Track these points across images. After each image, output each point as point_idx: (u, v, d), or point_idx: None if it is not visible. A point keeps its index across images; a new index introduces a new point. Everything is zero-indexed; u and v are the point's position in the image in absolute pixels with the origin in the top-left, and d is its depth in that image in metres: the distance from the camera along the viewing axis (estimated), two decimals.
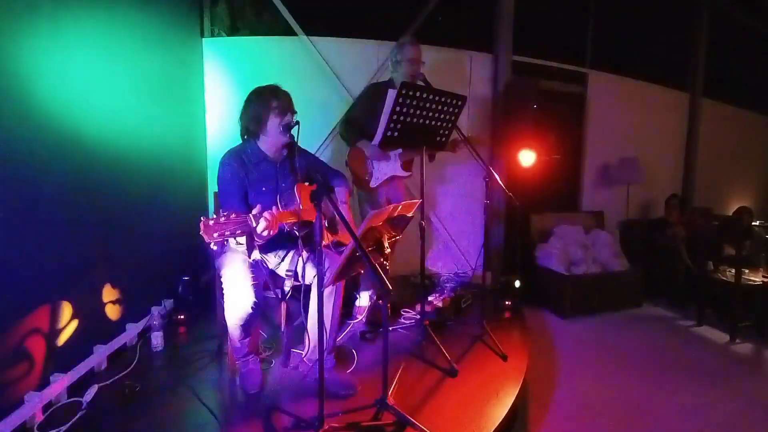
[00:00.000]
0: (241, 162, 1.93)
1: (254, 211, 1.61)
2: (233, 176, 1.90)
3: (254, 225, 1.58)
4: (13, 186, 1.58)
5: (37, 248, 1.70)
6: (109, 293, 2.17)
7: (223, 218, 1.49)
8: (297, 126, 1.86)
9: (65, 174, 1.86)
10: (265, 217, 1.60)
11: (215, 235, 1.46)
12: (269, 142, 1.97)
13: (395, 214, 1.72)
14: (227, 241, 1.52)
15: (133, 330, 2.30)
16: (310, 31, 3.48)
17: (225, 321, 1.89)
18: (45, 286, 1.75)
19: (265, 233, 1.62)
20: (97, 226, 2.08)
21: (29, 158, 1.67)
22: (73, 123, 1.90)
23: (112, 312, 2.20)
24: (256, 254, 1.91)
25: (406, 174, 2.72)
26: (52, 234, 1.78)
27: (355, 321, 2.65)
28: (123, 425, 1.64)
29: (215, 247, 1.77)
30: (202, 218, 1.47)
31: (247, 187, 1.93)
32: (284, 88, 1.97)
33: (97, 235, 2.08)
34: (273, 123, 1.91)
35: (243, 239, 1.63)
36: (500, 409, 1.80)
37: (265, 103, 1.90)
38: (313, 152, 2.65)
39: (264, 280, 1.93)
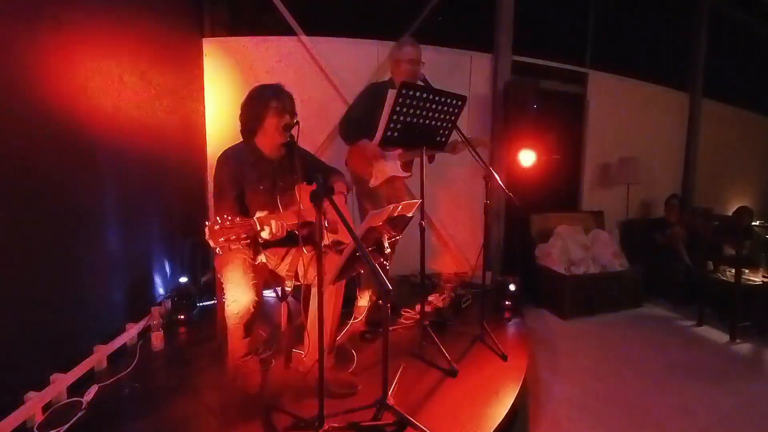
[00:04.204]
0: (239, 160, 1.94)
1: (258, 215, 1.61)
2: (229, 174, 1.90)
3: (258, 229, 1.58)
4: (12, 186, 1.58)
5: (36, 248, 1.70)
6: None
7: (228, 223, 1.49)
8: (297, 126, 1.86)
9: (64, 174, 1.86)
10: (271, 225, 1.60)
11: (221, 239, 1.47)
12: (267, 141, 1.97)
13: (395, 214, 1.72)
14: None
15: (133, 330, 2.30)
16: (310, 31, 3.48)
17: (225, 321, 1.89)
18: (44, 285, 1.74)
19: (268, 237, 1.63)
20: (96, 225, 2.08)
21: (28, 158, 1.67)
22: (72, 123, 1.90)
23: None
24: (261, 257, 1.91)
25: (405, 174, 2.72)
26: (52, 233, 1.78)
27: (355, 321, 2.65)
28: (123, 425, 1.64)
29: (220, 252, 1.77)
30: (207, 223, 1.47)
31: (243, 186, 1.93)
32: (286, 89, 1.97)
33: (96, 235, 2.08)
34: (271, 122, 1.91)
35: (247, 242, 1.63)
36: (500, 409, 1.80)
37: (264, 102, 1.90)
38: (312, 152, 2.66)
39: (264, 280, 1.93)
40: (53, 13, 1.79)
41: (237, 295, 1.77)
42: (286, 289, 1.98)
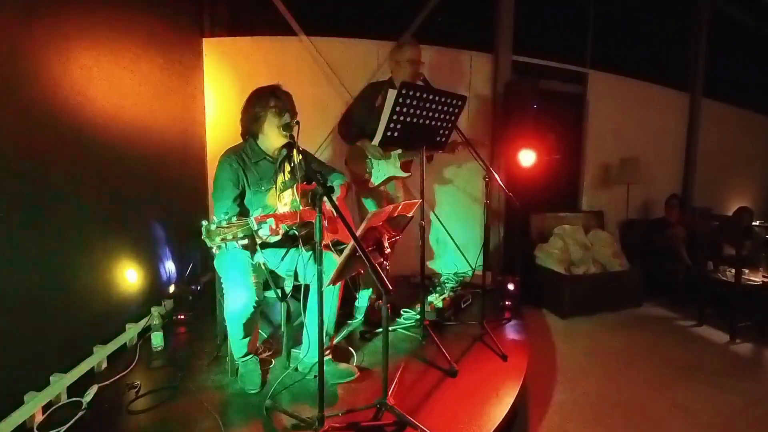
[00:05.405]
0: (240, 160, 1.94)
1: (255, 214, 1.61)
2: (230, 174, 1.91)
3: (256, 228, 1.58)
4: (11, 186, 1.58)
5: (36, 248, 1.70)
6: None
7: (225, 222, 1.49)
8: (297, 126, 1.86)
9: (64, 174, 1.86)
10: (269, 224, 1.60)
11: (217, 239, 1.46)
12: (268, 142, 1.98)
13: (395, 214, 1.72)
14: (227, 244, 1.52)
15: (133, 330, 2.30)
16: (310, 31, 3.48)
17: (225, 321, 1.89)
18: (44, 285, 1.74)
19: (266, 237, 1.63)
20: (96, 226, 2.08)
21: (29, 158, 1.67)
22: (73, 123, 1.90)
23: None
24: (258, 256, 1.91)
25: (405, 174, 2.72)
26: (52, 233, 1.78)
27: (355, 321, 2.65)
28: (123, 425, 1.64)
29: (217, 251, 1.77)
30: (204, 223, 1.47)
31: (244, 186, 1.94)
32: (284, 89, 1.98)
33: (96, 235, 2.08)
34: (271, 123, 1.92)
35: (245, 242, 1.63)
36: (500, 409, 1.80)
37: (263, 103, 1.91)
38: (312, 152, 2.66)
39: (264, 279, 1.93)
40: (53, 13, 1.79)
41: (237, 296, 1.77)
42: (286, 289, 1.98)
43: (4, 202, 1.53)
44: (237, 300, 1.77)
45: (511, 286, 2.98)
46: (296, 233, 1.85)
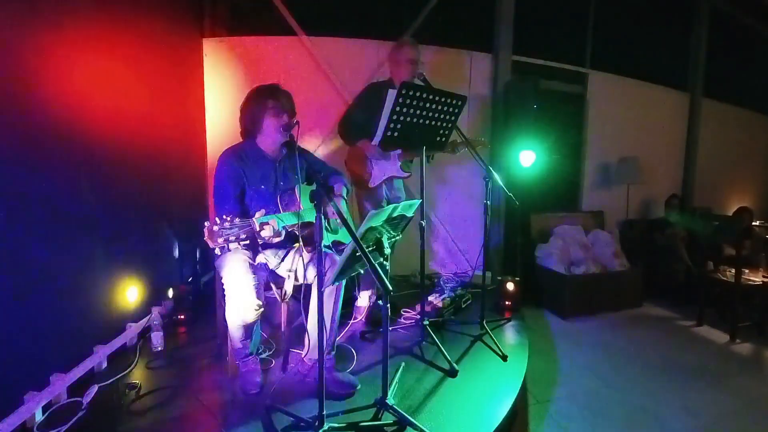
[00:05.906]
0: (240, 160, 1.94)
1: (257, 215, 1.61)
2: (230, 174, 1.90)
3: (258, 229, 1.58)
4: (11, 186, 1.58)
5: (36, 248, 1.70)
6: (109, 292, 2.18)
7: (227, 223, 1.48)
8: (296, 126, 1.86)
9: (64, 173, 1.86)
10: (272, 225, 1.60)
11: (220, 240, 1.46)
12: (267, 141, 1.98)
13: (395, 214, 1.72)
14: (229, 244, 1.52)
15: (133, 330, 2.30)
16: (310, 31, 3.48)
17: (225, 321, 1.89)
18: (44, 285, 1.74)
19: (267, 238, 1.62)
20: (96, 226, 2.07)
21: (28, 158, 1.67)
22: (72, 123, 1.90)
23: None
24: (260, 258, 1.91)
25: (405, 174, 2.71)
26: (51, 234, 1.78)
27: (355, 321, 2.65)
28: (123, 425, 1.64)
29: (219, 252, 1.77)
30: (206, 224, 1.46)
31: (244, 186, 1.93)
32: (284, 88, 1.98)
33: (96, 236, 2.08)
34: (269, 123, 1.92)
35: (247, 242, 1.63)
36: (500, 409, 1.80)
37: (261, 103, 1.91)
38: (312, 152, 2.66)
39: (265, 280, 1.93)
40: (53, 14, 1.79)
41: (239, 299, 1.77)
42: (286, 289, 1.97)
43: (3, 202, 1.53)
44: (239, 304, 1.77)
45: (511, 286, 2.98)
46: (296, 233, 1.85)
